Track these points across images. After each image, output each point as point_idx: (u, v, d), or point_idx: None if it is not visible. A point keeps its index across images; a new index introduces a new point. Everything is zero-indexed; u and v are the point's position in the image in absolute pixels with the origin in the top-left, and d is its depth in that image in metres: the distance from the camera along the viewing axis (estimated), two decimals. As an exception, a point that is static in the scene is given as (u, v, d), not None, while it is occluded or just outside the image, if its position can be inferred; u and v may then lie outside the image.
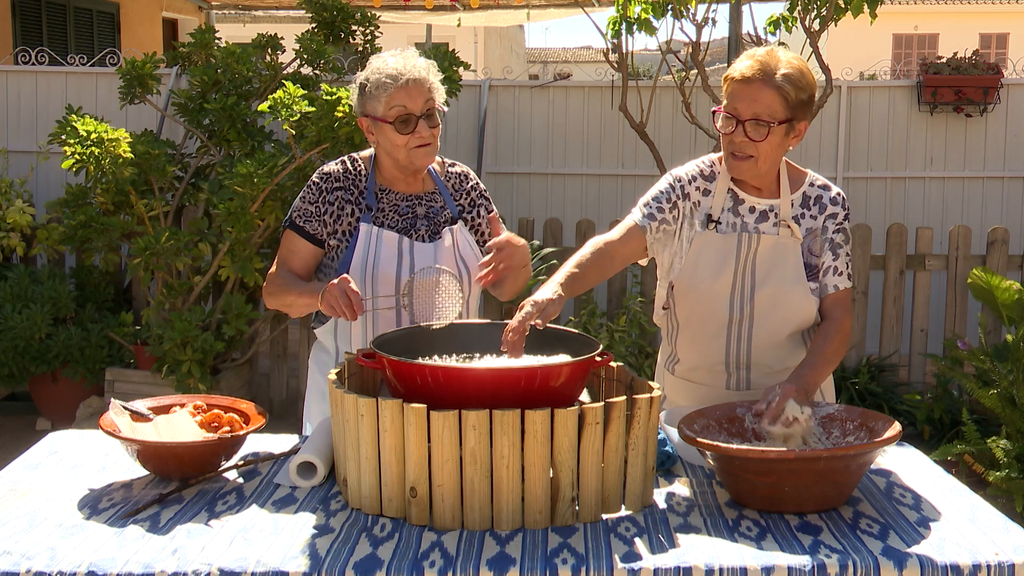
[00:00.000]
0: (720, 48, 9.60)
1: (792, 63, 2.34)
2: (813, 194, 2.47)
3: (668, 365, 2.65)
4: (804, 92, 2.34)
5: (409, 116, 2.49)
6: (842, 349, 2.41)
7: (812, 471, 1.95)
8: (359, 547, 1.82)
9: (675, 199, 2.47)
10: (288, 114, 4.77)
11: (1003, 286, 5.33)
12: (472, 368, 2.00)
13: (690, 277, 2.47)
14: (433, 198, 2.66)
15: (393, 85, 2.48)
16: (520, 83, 6.90)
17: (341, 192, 2.59)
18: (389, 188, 2.62)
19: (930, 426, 5.34)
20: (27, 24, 9.29)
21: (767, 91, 2.30)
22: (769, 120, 2.30)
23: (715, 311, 2.46)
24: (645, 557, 1.79)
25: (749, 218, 2.45)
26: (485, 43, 21.76)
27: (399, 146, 2.51)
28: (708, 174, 2.50)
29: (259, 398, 5.86)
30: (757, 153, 2.34)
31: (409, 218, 2.61)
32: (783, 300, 2.42)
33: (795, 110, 2.33)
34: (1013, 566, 1.79)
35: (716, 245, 2.44)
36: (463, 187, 2.72)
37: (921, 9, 23.55)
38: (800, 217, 2.45)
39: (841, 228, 2.45)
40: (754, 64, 2.32)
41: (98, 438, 2.36)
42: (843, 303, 2.44)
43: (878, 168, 6.72)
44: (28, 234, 5.88)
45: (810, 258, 2.44)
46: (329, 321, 2.65)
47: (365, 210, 2.58)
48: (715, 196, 2.47)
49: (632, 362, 5.39)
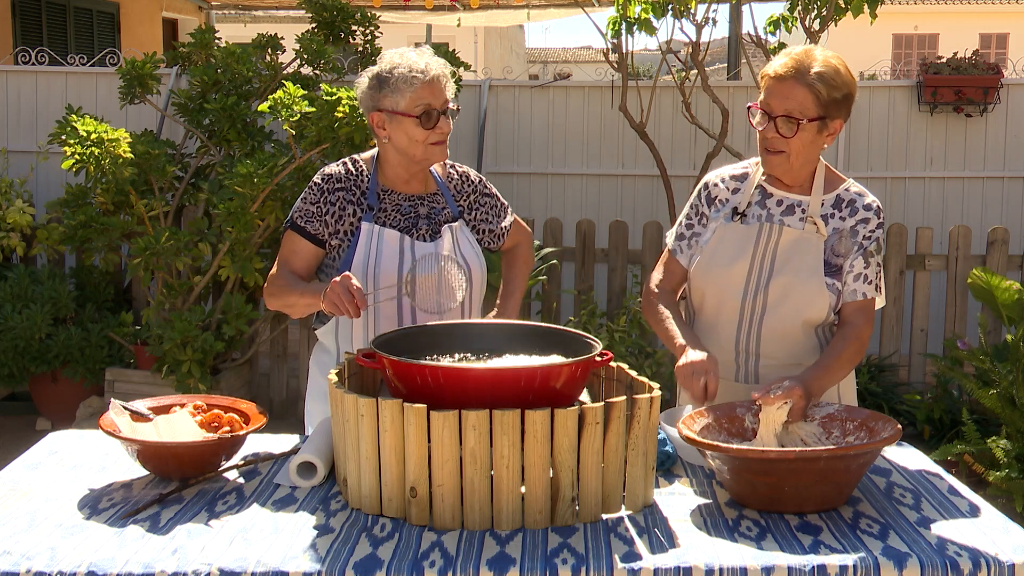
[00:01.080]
0: (720, 48, 9.60)
1: (829, 62, 2.38)
2: (847, 198, 2.49)
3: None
4: (838, 91, 2.37)
5: (432, 111, 2.51)
6: (856, 357, 2.41)
7: (812, 471, 1.95)
8: (359, 547, 1.82)
9: (702, 208, 2.58)
10: (288, 114, 4.77)
11: (1003, 286, 5.33)
12: (472, 368, 2.00)
13: (708, 262, 2.51)
14: (435, 199, 2.67)
15: (421, 80, 2.51)
16: (520, 83, 6.89)
17: (343, 193, 2.60)
18: (391, 189, 2.63)
19: (930, 426, 5.34)
20: (27, 24, 9.29)
21: (799, 89, 2.35)
22: (799, 117, 2.35)
23: (729, 296, 2.48)
24: (645, 557, 1.79)
25: (775, 210, 2.49)
26: (485, 43, 21.76)
27: (418, 141, 2.54)
28: (740, 175, 2.57)
29: (259, 398, 5.86)
30: (788, 149, 2.39)
31: (411, 218, 2.62)
32: (796, 290, 2.44)
33: (828, 108, 2.37)
34: (1013, 566, 1.79)
35: (737, 234, 2.49)
36: (464, 187, 2.73)
37: (921, 9, 23.55)
38: (829, 216, 2.47)
39: (875, 238, 2.46)
40: (789, 62, 2.37)
41: (98, 438, 2.36)
42: (866, 312, 2.45)
43: (878, 168, 6.72)
44: (28, 234, 5.87)
45: (832, 257, 2.45)
46: (330, 322, 2.66)
47: (367, 210, 2.59)
48: (744, 193, 2.53)
49: (632, 362, 5.39)
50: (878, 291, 2.47)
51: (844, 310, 2.46)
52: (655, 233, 5.82)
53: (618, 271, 5.90)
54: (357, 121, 4.85)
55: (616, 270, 5.90)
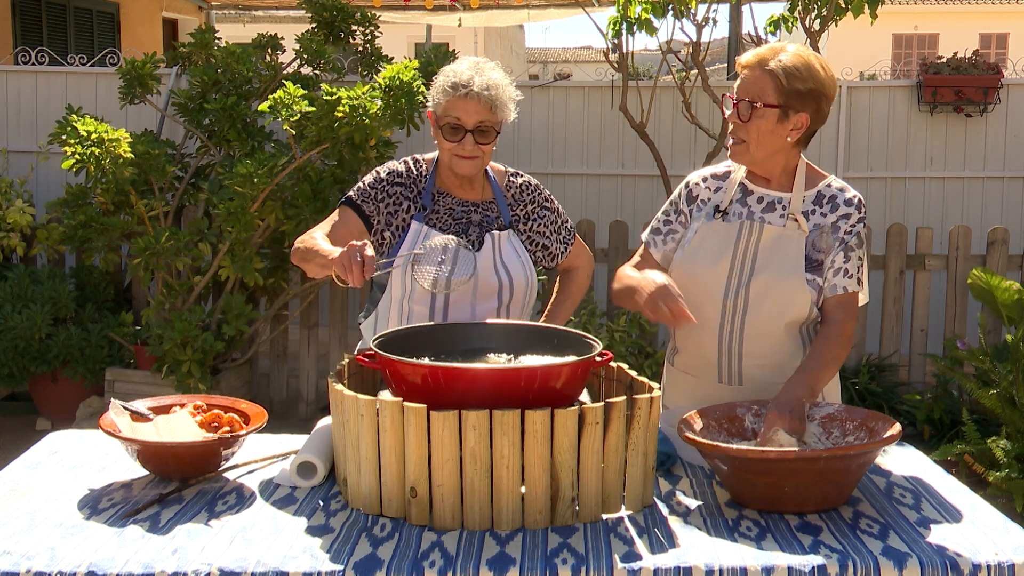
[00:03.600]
0: (720, 48, 9.60)
1: (800, 55, 2.40)
2: (828, 193, 2.49)
3: (670, 357, 2.69)
4: (801, 83, 2.37)
5: (459, 127, 2.54)
6: (842, 353, 2.40)
7: (812, 471, 1.95)
8: (359, 547, 1.82)
9: (680, 206, 2.59)
10: (288, 114, 4.77)
11: (1003, 286, 5.33)
12: (472, 368, 2.00)
13: (689, 262, 2.50)
14: (490, 207, 2.68)
15: (453, 94, 2.54)
16: (520, 83, 6.86)
17: (401, 188, 2.63)
18: (447, 192, 2.66)
19: (930, 426, 5.34)
20: (27, 24, 9.29)
21: (760, 75, 2.39)
22: (755, 101, 2.37)
23: (711, 296, 2.47)
24: (645, 557, 1.79)
25: (756, 208, 2.49)
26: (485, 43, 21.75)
27: (444, 149, 2.59)
28: (722, 174, 2.58)
29: (259, 398, 5.86)
30: (748, 137, 2.41)
31: (463, 223, 2.63)
32: (776, 288, 2.42)
33: (788, 98, 2.37)
34: (1013, 566, 1.79)
35: (719, 233, 2.49)
36: (523, 197, 2.74)
37: (921, 9, 23.55)
38: (810, 213, 2.47)
39: (855, 231, 2.45)
40: (758, 52, 2.42)
41: (98, 438, 2.36)
42: (848, 306, 2.44)
43: (878, 168, 6.72)
44: (28, 234, 5.87)
45: (813, 253, 2.44)
46: (372, 316, 2.67)
47: (420, 209, 2.61)
48: (726, 191, 2.54)
49: (632, 362, 5.39)
50: (860, 285, 2.46)
51: (825, 305, 2.45)
52: (655, 233, 5.81)
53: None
54: (357, 121, 4.85)
55: (616, 270, 5.89)
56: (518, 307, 2.67)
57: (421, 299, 2.56)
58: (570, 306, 2.88)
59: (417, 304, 2.56)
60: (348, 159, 5.14)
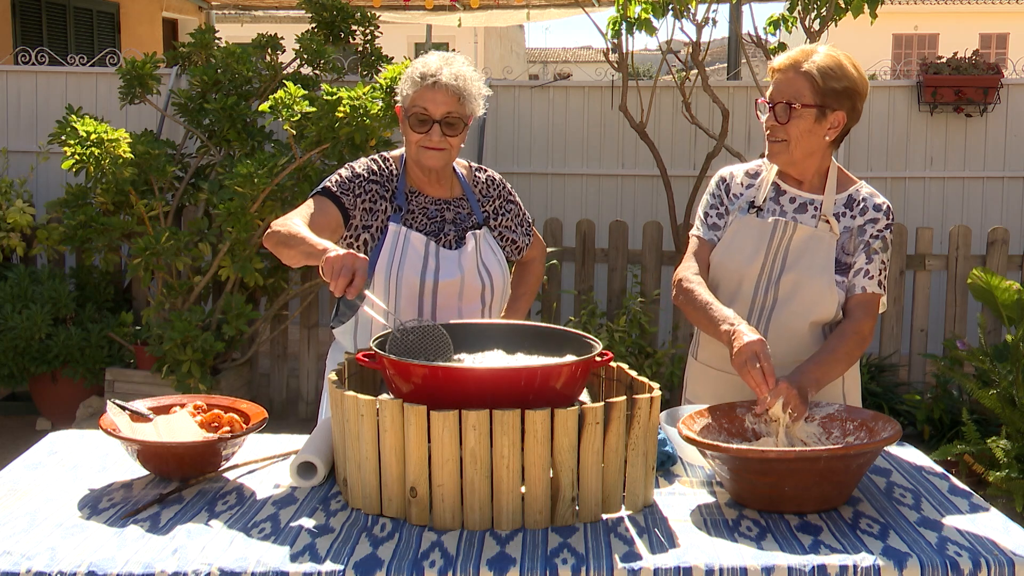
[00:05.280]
0: (720, 48, 9.60)
1: (831, 55, 2.45)
2: (859, 198, 2.54)
3: (693, 350, 2.72)
4: (836, 81, 2.42)
5: (426, 118, 2.51)
6: (856, 351, 2.43)
7: (812, 471, 1.95)
8: (359, 547, 1.82)
9: (723, 198, 2.62)
10: (288, 114, 4.77)
11: (1003, 286, 5.33)
12: (472, 368, 2.00)
13: (722, 256, 2.55)
14: (461, 204, 2.67)
15: (421, 84, 2.52)
16: (520, 83, 6.89)
17: (377, 187, 2.60)
18: (419, 191, 2.64)
19: (930, 426, 5.34)
20: (27, 24, 9.29)
21: (796, 77, 2.44)
22: (794, 102, 2.42)
23: (741, 291, 2.52)
24: (645, 557, 1.79)
25: (789, 207, 2.54)
26: (485, 43, 21.76)
27: (411, 142, 2.56)
28: (753, 172, 2.63)
29: (259, 398, 5.86)
30: (788, 137, 2.46)
31: (437, 222, 2.62)
32: (805, 286, 2.47)
33: (825, 97, 2.42)
34: (1013, 566, 1.79)
35: (753, 228, 2.53)
36: (490, 192, 2.73)
37: (921, 9, 23.54)
38: (841, 215, 2.52)
39: (881, 236, 2.50)
40: (791, 54, 2.48)
41: (98, 438, 2.36)
42: (867, 306, 2.47)
43: (878, 168, 6.72)
44: (28, 234, 5.87)
45: (843, 256, 2.50)
46: (349, 321, 2.66)
47: (395, 210, 2.59)
48: (759, 188, 2.58)
49: (632, 362, 5.39)
50: (881, 288, 2.49)
51: (846, 305, 2.50)
52: (655, 233, 5.82)
53: (618, 271, 5.90)
54: (357, 121, 4.85)
55: (616, 270, 5.90)
56: (497, 306, 2.68)
57: (408, 306, 2.54)
58: (530, 299, 2.85)
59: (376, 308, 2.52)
60: (348, 159, 5.14)
